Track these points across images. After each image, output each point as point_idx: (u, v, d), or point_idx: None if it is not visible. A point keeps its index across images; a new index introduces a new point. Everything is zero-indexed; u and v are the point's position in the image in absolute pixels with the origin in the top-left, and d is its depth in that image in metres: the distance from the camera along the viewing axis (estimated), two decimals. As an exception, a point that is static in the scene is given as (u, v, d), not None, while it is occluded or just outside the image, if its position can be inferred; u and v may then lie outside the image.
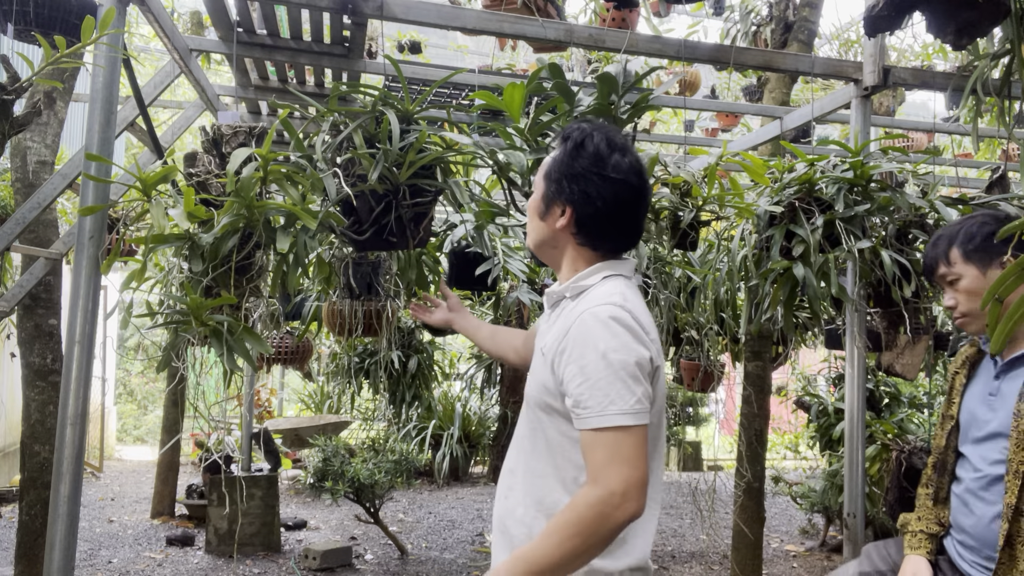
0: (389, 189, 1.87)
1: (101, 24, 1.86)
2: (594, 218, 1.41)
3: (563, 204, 1.43)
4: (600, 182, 1.39)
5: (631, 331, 1.32)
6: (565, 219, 1.43)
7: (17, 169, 3.64)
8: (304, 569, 5.11)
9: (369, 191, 1.84)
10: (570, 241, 1.45)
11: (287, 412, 10.77)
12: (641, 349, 1.32)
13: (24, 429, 3.54)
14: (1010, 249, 1.60)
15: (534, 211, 1.51)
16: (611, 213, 1.40)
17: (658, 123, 7.60)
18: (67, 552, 2.01)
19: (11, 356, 6.88)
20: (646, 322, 1.37)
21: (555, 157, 1.47)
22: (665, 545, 6.06)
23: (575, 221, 1.42)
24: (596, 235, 1.43)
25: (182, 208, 1.80)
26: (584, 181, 1.40)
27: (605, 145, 1.41)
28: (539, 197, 1.49)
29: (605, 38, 2.90)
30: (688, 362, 4.52)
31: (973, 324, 1.83)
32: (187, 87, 5.88)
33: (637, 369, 1.30)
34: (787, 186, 2.68)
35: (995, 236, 1.70)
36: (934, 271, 1.86)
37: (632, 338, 1.31)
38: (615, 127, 1.55)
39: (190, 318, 1.78)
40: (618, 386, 1.28)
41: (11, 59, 1.89)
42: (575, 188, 1.41)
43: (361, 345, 5.77)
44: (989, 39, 2.67)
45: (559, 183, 1.43)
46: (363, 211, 1.85)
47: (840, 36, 6.58)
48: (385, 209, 1.87)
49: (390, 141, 1.80)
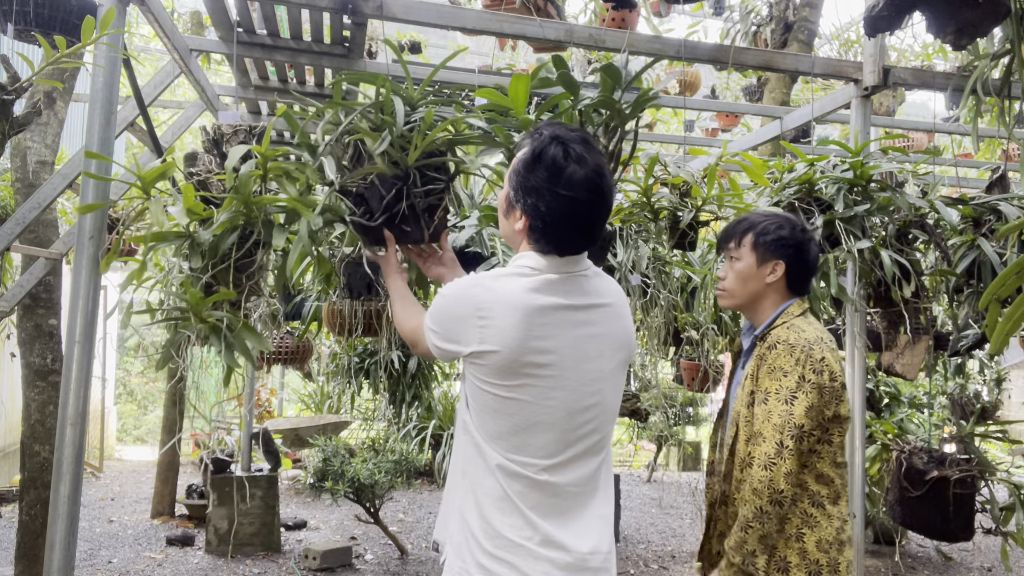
0: (399, 175, 1.79)
1: (101, 24, 1.86)
2: (544, 230, 1.47)
3: (519, 211, 1.50)
4: (551, 198, 1.44)
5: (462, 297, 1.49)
6: (521, 224, 1.50)
7: (17, 169, 3.65)
8: (304, 569, 5.11)
9: (378, 180, 1.77)
10: (525, 240, 1.53)
11: (287, 412, 10.77)
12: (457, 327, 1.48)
13: (24, 429, 3.55)
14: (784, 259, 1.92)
15: (500, 208, 1.59)
16: (560, 224, 1.46)
17: (658, 123, 7.60)
18: (67, 552, 2.01)
19: (11, 356, 6.88)
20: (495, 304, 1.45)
21: (517, 160, 1.51)
22: (665, 545, 6.07)
23: (528, 228, 1.49)
24: (544, 242, 1.49)
25: (181, 205, 1.80)
26: (536, 195, 1.46)
27: (562, 156, 1.44)
28: (503, 197, 1.56)
29: (605, 38, 2.91)
30: (688, 362, 4.52)
31: (727, 300, 2.05)
32: (187, 87, 5.88)
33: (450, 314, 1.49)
34: (787, 186, 2.68)
35: (783, 240, 1.95)
36: (727, 242, 2.06)
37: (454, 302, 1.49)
38: (579, 130, 1.53)
39: (189, 315, 1.78)
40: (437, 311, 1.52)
41: (11, 59, 1.89)
42: (528, 201, 1.47)
43: (361, 345, 5.77)
44: (989, 39, 2.67)
45: (516, 191, 1.50)
46: (373, 200, 1.78)
47: (840, 36, 6.59)
48: (396, 198, 1.79)
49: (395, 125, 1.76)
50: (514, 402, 1.45)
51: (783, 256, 1.95)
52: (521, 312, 1.42)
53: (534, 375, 1.44)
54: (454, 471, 1.57)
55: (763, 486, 1.79)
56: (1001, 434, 3.35)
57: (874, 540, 5.84)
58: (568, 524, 1.48)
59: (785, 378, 1.81)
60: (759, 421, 1.83)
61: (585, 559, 1.47)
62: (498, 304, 1.43)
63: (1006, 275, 1.08)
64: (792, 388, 1.80)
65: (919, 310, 2.83)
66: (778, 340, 1.86)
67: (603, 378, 1.52)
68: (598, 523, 1.52)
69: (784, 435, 1.79)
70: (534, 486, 1.47)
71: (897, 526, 4.14)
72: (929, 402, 5.86)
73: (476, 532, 1.47)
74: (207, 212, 1.86)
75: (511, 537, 1.45)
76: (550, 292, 1.46)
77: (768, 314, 1.97)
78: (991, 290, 1.10)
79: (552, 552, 1.45)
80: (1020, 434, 5.75)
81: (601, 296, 1.54)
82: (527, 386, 1.44)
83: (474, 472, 1.50)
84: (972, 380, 6.42)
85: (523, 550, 1.44)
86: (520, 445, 1.46)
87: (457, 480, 1.55)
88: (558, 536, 1.46)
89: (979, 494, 3.00)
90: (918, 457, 3.01)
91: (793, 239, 1.96)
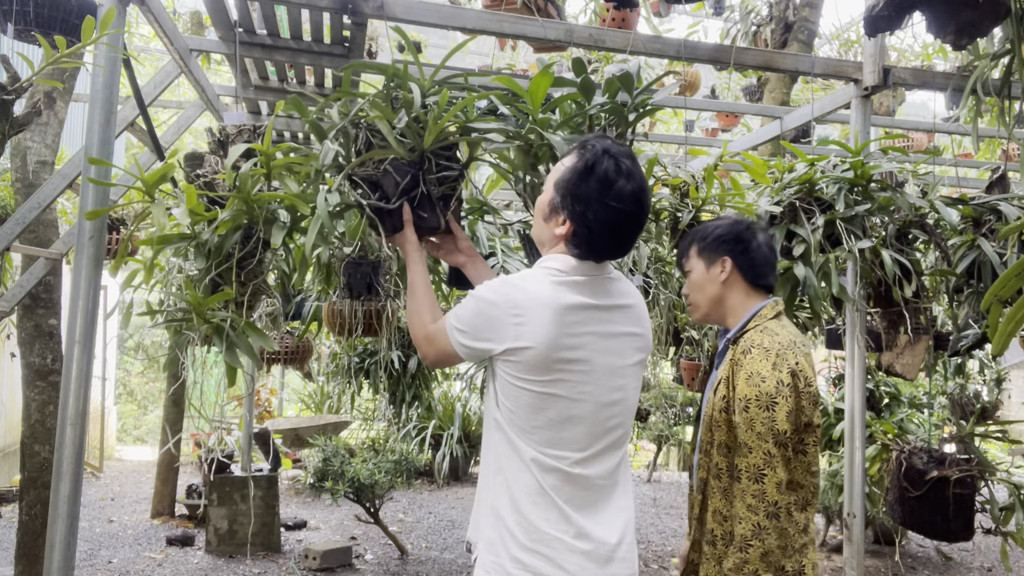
0: (412, 162, 1.75)
1: (101, 24, 1.86)
2: (587, 237, 1.55)
3: (564, 217, 1.56)
4: (600, 208, 1.52)
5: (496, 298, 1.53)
6: (563, 230, 1.57)
7: (17, 169, 3.65)
8: (304, 569, 5.11)
9: (392, 167, 1.73)
10: (561, 246, 1.59)
11: (287, 412, 10.76)
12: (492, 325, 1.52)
13: (24, 429, 3.54)
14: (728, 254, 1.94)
15: (539, 212, 1.64)
16: (603, 233, 1.54)
17: (658, 123, 7.60)
18: (67, 552, 2.01)
19: (11, 356, 6.88)
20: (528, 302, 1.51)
21: (567, 168, 1.57)
22: (665, 545, 6.07)
23: (571, 234, 1.56)
24: (585, 247, 1.56)
25: (184, 206, 1.80)
26: (585, 203, 1.53)
27: (614, 170, 1.52)
28: (546, 202, 1.61)
29: (605, 38, 2.91)
30: (688, 362, 4.52)
31: (695, 313, 2.05)
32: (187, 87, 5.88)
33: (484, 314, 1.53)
34: (787, 186, 2.68)
35: (721, 237, 1.96)
36: (681, 260, 2.09)
37: (488, 304, 1.53)
38: (626, 147, 1.60)
39: (192, 315, 1.78)
40: (468, 311, 1.56)
41: (11, 59, 1.89)
42: (577, 208, 1.54)
43: (361, 345, 5.76)
44: (989, 39, 2.67)
45: (564, 198, 1.56)
46: (388, 186, 1.74)
47: (840, 36, 6.59)
48: (412, 183, 1.75)
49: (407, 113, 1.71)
50: (549, 396, 1.52)
51: (726, 251, 1.95)
52: (553, 310, 1.50)
53: (567, 370, 1.51)
54: (486, 471, 1.62)
55: (757, 500, 1.75)
56: (1001, 434, 3.35)
57: (874, 540, 5.84)
58: (596, 516, 1.56)
59: (764, 383, 1.77)
60: (742, 431, 1.80)
61: (613, 550, 1.56)
62: (532, 302, 1.50)
63: (1007, 276, 1.08)
64: (771, 394, 1.77)
65: (919, 310, 2.83)
66: (752, 344, 1.83)
67: (625, 374, 1.61)
68: (622, 515, 1.61)
69: (770, 443, 1.75)
70: (568, 479, 1.54)
71: (897, 526, 4.14)
72: (929, 402, 5.86)
73: (511, 526, 1.53)
74: (212, 213, 1.85)
75: (547, 530, 1.51)
76: (579, 292, 1.54)
77: (740, 316, 1.95)
78: (992, 291, 1.10)
79: (585, 544, 1.52)
80: (1020, 434, 5.75)
81: (623, 297, 1.63)
82: (560, 381, 1.51)
83: (508, 468, 1.55)
84: (972, 380, 6.42)
85: (559, 543, 1.51)
86: (555, 438, 1.53)
87: (489, 479, 1.59)
88: (589, 528, 1.53)
89: (979, 494, 3.00)
90: (918, 457, 3.01)
91: (732, 233, 1.96)
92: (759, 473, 1.75)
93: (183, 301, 1.81)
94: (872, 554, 5.67)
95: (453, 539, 6.06)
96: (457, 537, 6.11)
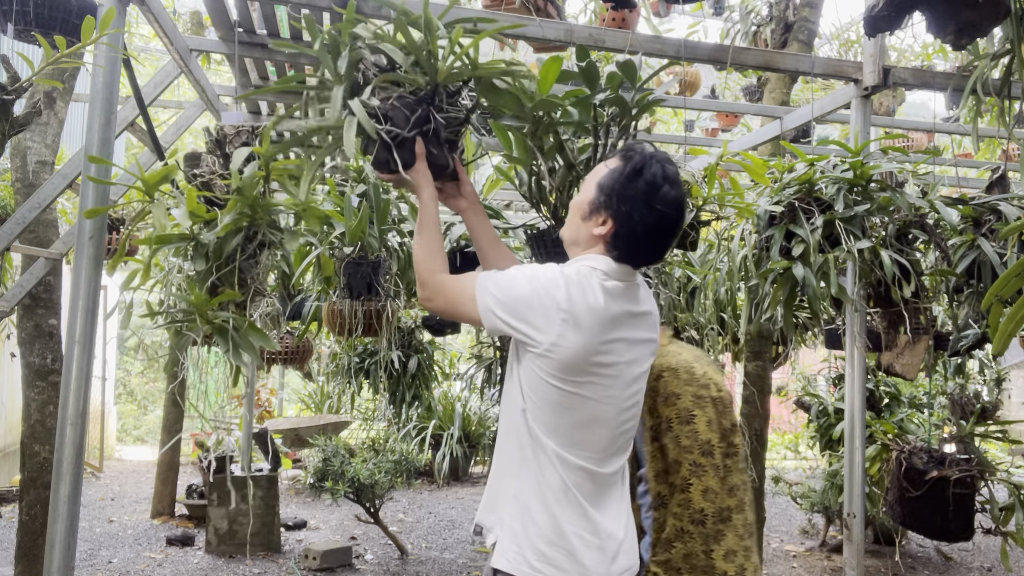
0: (421, 98, 1.71)
1: (101, 24, 1.86)
2: (629, 237, 1.56)
3: (607, 216, 1.57)
4: (646, 210, 1.54)
5: (549, 287, 1.50)
6: (604, 229, 1.57)
7: (17, 169, 3.65)
8: (304, 569, 5.11)
9: (399, 102, 1.68)
10: (600, 246, 1.59)
11: (287, 412, 10.76)
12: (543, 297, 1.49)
13: (24, 429, 3.54)
14: None
15: (577, 210, 1.64)
16: (644, 237, 1.56)
17: (658, 123, 7.60)
18: (67, 552, 2.01)
19: (11, 356, 6.88)
20: (580, 302, 1.50)
21: (613, 170, 1.59)
22: (665, 545, 6.06)
23: (612, 234, 1.57)
24: (624, 250, 1.57)
25: (184, 208, 1.80)
26: (632, 204, 1.55)
27: (661, 175, 1.55)
28: (587, 201, 1.61)
29: (605, 38, 2.90)
30: (688, 362, 4.50)
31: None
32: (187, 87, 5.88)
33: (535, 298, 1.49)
34: (787, 186, 2.68)
35: None
36: None
37: (541, 289, 1.50)
38: (666, 154, 1.63)
39: (194, 316, 1.78)
40: (515, 286, 1.51)
41: (11, 59, 1.89)
42: (623, 208, 1.55)
43: (361, 345, 5.77)
44: (989, 39, 2.67)
45: (610, 197, 1.57)
46: (399, 119, 1.69)
47: (840, 36, 6.59)
48: (424, 117, 1.71)
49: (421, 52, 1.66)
50: (578, 398, 1.53)
51: None
52: (600, 317, 1.51)
53: (599, 374, 1.53)
54: (508, 456, 1.61)
55: (682, 509, 1.82)
56: (1001, 434, 3.35)
57: (874, 540, 5.84)
58: (606, 510, 1.61)
59: (679, 400, 1.87)
60: (670, 449, 1.87)
61: (620, 544, 1.60)
62: (584, 305, 1.50)
63: (1008, 276, 1.08)
64: (688, 408, 1.86)
65: (919, 310, 2.83)
66: (661, 369, 1.92)
67: (641, 379, 1.65)
68: (624, 505, 1.66)
69: (695, 454, 1.83)
70: (589, 477, 1.57)
71: (897, 526, 4.14)
72: (929, 402, 5.86)
73: (537, 520, 1.54)
74: (211, 214, 1.86)
75: (570, 527, 1.54)
76: (619, 298, 1.57)
77: None
78: (993, 291, 1.10)
79: (600, 540, 1.56)
80: (1020, 434, 5.75)
81: (645, 304, 1.66)
82: (591, 384, 1.53)
83: (535, 461, 1.56)
84: (972, 380, 6.42)
85: (579, 539, 1.54)
86: (579, 440, 1.55)
87: (514, 468, 1.59)
88: (603, 524, 1.57)
89: (979, 494, 3.00)
90: (918, 457, 3.01)
91: None
92: (685, 483, 1.83)
93: (184, 302, 1.81)
94: (872, 554, 5.67)
95: (453, 539, 6.06)
96: (457, 537, 6.11)
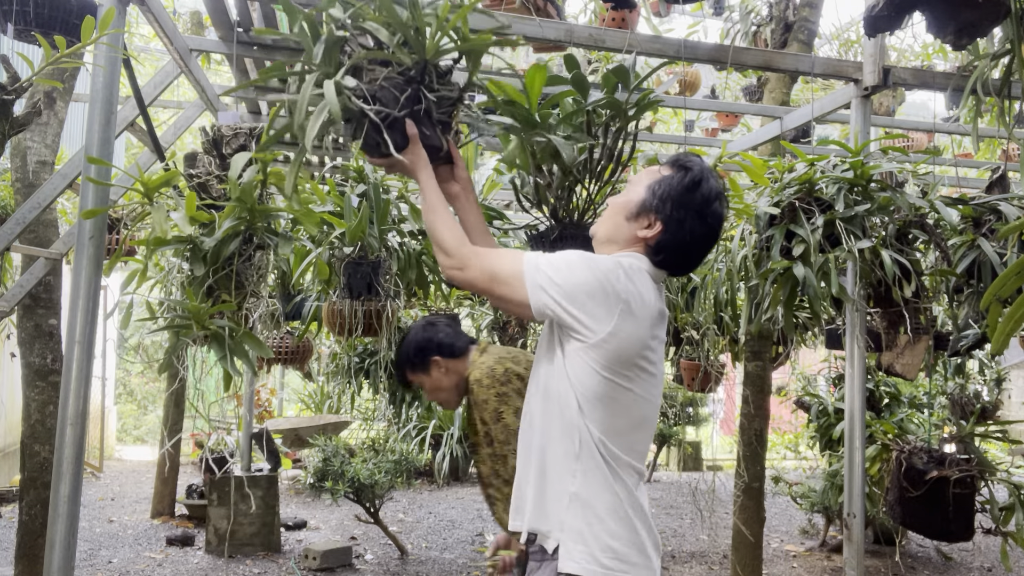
0: (410, 78, 1.60)
1: (101, 24, 1.86)
2: (674, 244, 1.59)
3: (656, 220, 1.59)
4: (698, 221, 1.58)
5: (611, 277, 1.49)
6: (650, 232, 1.59)
7: (17, 169, 3.64)
8: (304, 569, 5.11)
9: (387, 83, 1.57)
10: (640, 248, 1.61)
11: (287, 412, 10.77)
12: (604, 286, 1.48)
13: (24, 429, 3.54)
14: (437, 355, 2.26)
15: (621, 210, 1.64)
16: (689, 246, 1.60)
17: (658, 123, 7.59)
18: (67, 552, 2.01)
19: (11, 356, 6.88)
20: (636, 294, 1.52)
21: (669, 177, 1.61)
22: (665, 545, 6.07)
23: (658, 238, 1.59)
24: (666, 256, 1.60)
25: (184, 212, 1.80)
26: (686, 212, 1.58)
27: (715, 191, 1.60)
28: (636, 201, 1.62)
29: (605, 38, 2.90)
30: (688, 362, 4.52)
31: (451, 406, 2.41)
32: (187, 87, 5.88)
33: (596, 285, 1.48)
34: (787, 186, 2.68)
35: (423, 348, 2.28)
36: (410, 382, 2.41)
37: (602, 277, 1.49)
38: (718, 175, 1.67)
39: (191, 322, 1.78)
40: (573, 271, 1.49)
41: (11, 59, 1.89)
42: (676, 214, 1.57)
43: (361, 345, 5.77)
44: (989, 39, 2.67)
45: (664, 202, 1.58)
46: (387, 99, 1.58)
47: (840, 36, 6.59)
48: (413, 97, 1.60)
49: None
50: (630, 393, 1.54)
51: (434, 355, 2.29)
52: (650, 309, 1.55)
53: (646, 370, 1.55)
54: (556, 455, 1.57)
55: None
56: (1001, 434, 3.35)
57: (874, 540, 5.84)
58: (643, 504, 1.64)
59: (487, 404, 2.14)
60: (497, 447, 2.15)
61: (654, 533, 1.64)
62: (639, 296, 1.52)
63: (1007, 275, 1.08)
64: (496, 408, 2.12)
65: (919, 310, 2.83)
66: (471, 383, 2.20)
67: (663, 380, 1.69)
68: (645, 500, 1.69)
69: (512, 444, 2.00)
70: (639, 476, 1.61)
71: (897, 526, 4.14)
72: (929, 402, 5.86)
73: (605, 518, 1.54)
74: (208, 216, 1.86)
75: (639, 522, 1.56)
76: (659, 298, 1.61)
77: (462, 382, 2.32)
78: (992, 290, 1.10)
79: (649, 534, 1.58)
80: (1020, 434, 5.75)
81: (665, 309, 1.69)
82: (639, 379, 1.55)
83: (592, 459, 1.55)
84: (972, 380, 6.42)
85: (648, 534, 1.57)
86: (633, 442, 1.58)
87: (567, 467, 1.56)
88: (647, 518, 1.60)
89: (979, 494, 3.00)
90: (918, 457, 3.01)
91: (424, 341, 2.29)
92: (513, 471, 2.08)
93: (182, 308, 1.81)
94: (872, 554, 5.67)
95: (453, 539, 6.06)
96: (457, 537, 6.11)
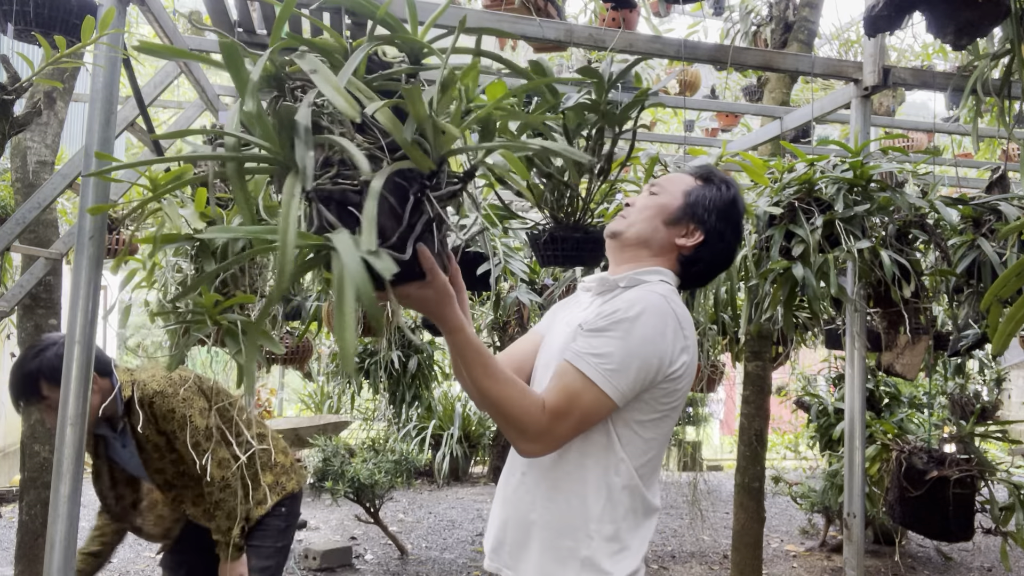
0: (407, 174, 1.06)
1: (101, 24, 1.86)
2: (711, 255, 1.59)
3: (697, 228, 1.57)
4: (732, 234, 1.60)
5: (668, 324, 1.42)
6: (689, 241, 1.57)
7: (17, 169, 3.64)
8: (304, 569, 5.11)
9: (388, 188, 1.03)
10: (672, 255, 1.58)
11: (287, 412, 10.76)
12: (665, 348, 1.40)
13: (24, 429, 3.54)
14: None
15: (661, 212, 1.59)
16: (721, 257, 1.61)
17: (658, 123, 7.60)
18: (67, 552, 2.01)
19: (11, 356, 6.88)
20: (685, 321, 1.47)
21: (706, 188, 1.60)
22: (665, 545, 6.07)
23: (697, 248, 1.57)
24: (700, 266, 1.59)
25: (193, 208, 1.80)
26: (726, 225, 1.58)
27: (742, 211, 1.63)
28: (675, 206, 1.58)
29: (605, 38, 2.90)
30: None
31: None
32: (187, 87, 5.88)
33: (649, 365, 1.38)
34: (787, 186, 2.68)
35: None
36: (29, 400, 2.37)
37: (666, 331, 1.41)
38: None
39: (203, 317, 1.77)
40: (626, 360, 1.36)
41: (11, 59, 1.89)
42: (718, 226, 1.57)
43: (361, 345, 5.76)
44: (989, 39, 2.67)
45: (708, 213, 1.57)
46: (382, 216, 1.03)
47: (840, 36, 6.59)
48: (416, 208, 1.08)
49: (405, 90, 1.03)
50: (668, 420, 1.48)
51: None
52: (694, 331, 1.50)
53: (679, 391, 1.48)
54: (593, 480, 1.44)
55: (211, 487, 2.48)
56: (1001, 434, 3.35)
57: (874, 540, 5.84)
58: None
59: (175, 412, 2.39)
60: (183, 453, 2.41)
61: None
62: (688, 320, 1.48)
63: (1007, 276, 1.08)
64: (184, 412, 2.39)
65: (919, 310, 2.83)
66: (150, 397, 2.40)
67: None
68: None
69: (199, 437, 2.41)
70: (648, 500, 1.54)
71: (897, 526, 4.14)
72: (929, 402, 5.86)
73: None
74: (218, 212, 1.86)
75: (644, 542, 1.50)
76: None
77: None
78: (992, 291, 1.10)
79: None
80: (1020, 434, 5.75)
81: None
82: (676, 406, 1.49)
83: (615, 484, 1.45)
84: (972, 380, 6.42)
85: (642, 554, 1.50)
86: (653, 470, 1.51)
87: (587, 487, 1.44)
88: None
89: (979, 494, 3.00)
90: (918, 457, 3.01)
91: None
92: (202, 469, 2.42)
93: (195, 303, 1.81)
94: (872, 554, 5.67)
95: (453, 539, 6.06)
96: (457, 537, 6.11)
